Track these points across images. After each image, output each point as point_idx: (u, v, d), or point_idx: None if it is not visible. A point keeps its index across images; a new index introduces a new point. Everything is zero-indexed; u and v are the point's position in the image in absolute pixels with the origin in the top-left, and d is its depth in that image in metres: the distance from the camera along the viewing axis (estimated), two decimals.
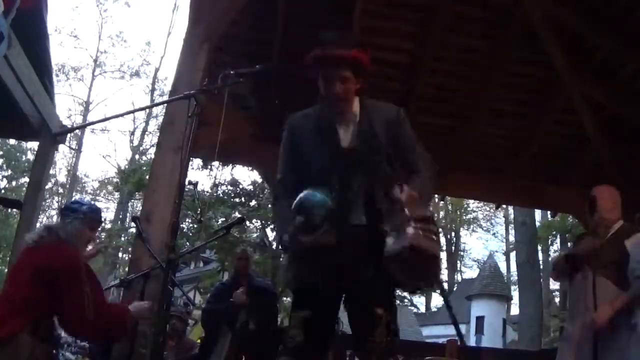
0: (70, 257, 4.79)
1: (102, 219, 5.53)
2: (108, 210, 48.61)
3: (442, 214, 54.13)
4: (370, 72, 3.94)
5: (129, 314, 5.15)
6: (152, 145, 40.23)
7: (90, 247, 5.48)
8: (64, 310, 4.69)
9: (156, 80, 47.87)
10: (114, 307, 5.14)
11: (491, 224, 54.47)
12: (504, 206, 34.59)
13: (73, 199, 5.96)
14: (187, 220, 23.57)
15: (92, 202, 6.43)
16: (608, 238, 5.67)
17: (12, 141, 32.87)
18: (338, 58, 3.77)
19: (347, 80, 3.78)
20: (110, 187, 45.63)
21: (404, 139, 4.00)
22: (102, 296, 5.06)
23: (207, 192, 23.90)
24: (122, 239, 31.77)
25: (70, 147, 44.24)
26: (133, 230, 18.18)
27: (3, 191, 36.33)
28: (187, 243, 21.47)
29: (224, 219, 22.19)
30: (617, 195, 5.91)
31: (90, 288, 4.75)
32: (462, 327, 43.29)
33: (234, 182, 24.05)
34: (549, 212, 16.31)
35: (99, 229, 5.46)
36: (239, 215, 19.14)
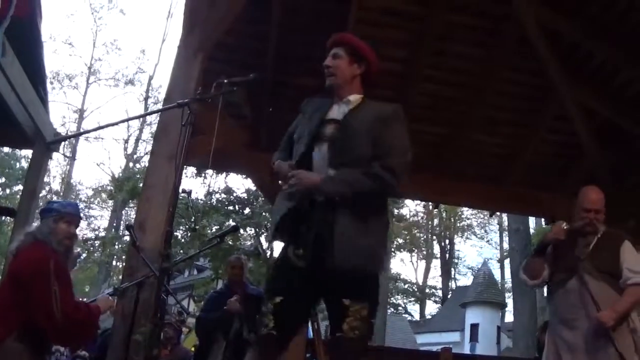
0: (37, 256, 4.85)
1: (79, 213, 5.53)
2: (102, 218, 48.70)
3: (436, 221, 54.25)
4: (375, 69, 4.24)
5: (98, 312, 5.19)
6: (146, 153, 40.23)
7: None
8: (32, 309, 4.70)
9: (150, 88, 47.91)
10: (84, 305, 5.15)
11: (485, 231, 54.57)
12: (498, 213, 34.62)
13: (48, 201, 6.01)
14: (181, 228, 23.57)
15: (67, 200, 6.45)
16: (596, 243, 5.64)
17: (6, 149, 32.85)
18: (332, 40, 4.33)
19: (338, 57, 4.18)
20: (104, 195, 45.59)
21: (383, 139, 3.94)
22: (72, 296, 5.06)
23: (201, 200, 23.92)
24: (116, 247, 31.76)
25: (64, 155, 44.26)
26: (127, 238, 18.13)
27: None
28: (181, 251, 21.46)
29: (217, 226, 22.21)
30: (604, 198, 5.86)
31: (59, 287, 4.76)
32: (457, 335, 43.41)
33: (228, 190, 24.06)
34: (543, 219, 16.34)
35: (79, 223, 5.45)
36: (233, 223, 19.18)
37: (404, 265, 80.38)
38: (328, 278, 3.72)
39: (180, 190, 3.81)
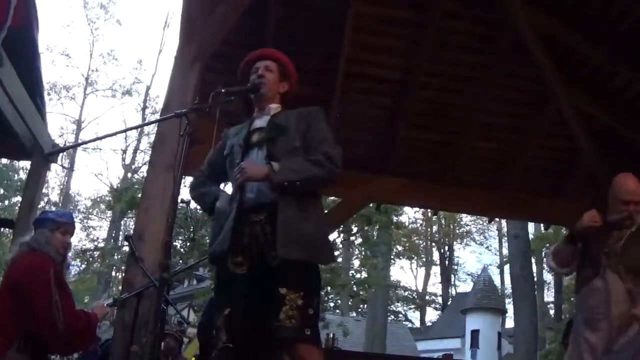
0: (37, 265, 4.85)
1: (74, 222, 5.53)
2: (101, 228, 48.66)
3: (435, 228, 54.23)
4: (294, 87, 4.42)
5: (96, 320, 5.20)
6: (144, 163, 40.16)
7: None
8: (34, 319, 4.70)
9: (148, 98, 47.87)
10: (83, 314, 5.16)
11: (484, 237, 54.53)
12: (497, 219, 34.58)
13: (42, 211, 6.00)
14: (179, 238, 23.50)
15: (61, 209, 6.45)
16: (629, 237, 5.13)
17: (4, 160, 32.83)
18: (264, 53, 4.45)
19: (270, 70, 4.28)
20: (102, 206, 45.51)
21: (313, 134, 4.07)
22: (73, 305, 5.07)
23: (200, 209, 23.81)
24: (115, 257, 31.65)
25: (62, 166, 44.18)
26: (126, 248, 18.07)
27: None
28: (180, 261, 21.40)
29: None
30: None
31: (60, 296, 4.76)
32: (457, 341, 43.35)
33: None
34: (542, 225, 16.35)
35: (73, 232, 5.46)
36: None
37: (403, 272, 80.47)
38: (268, 274, 3.73)
39: (179, 200, 3.81)
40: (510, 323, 40.84)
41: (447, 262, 56.23)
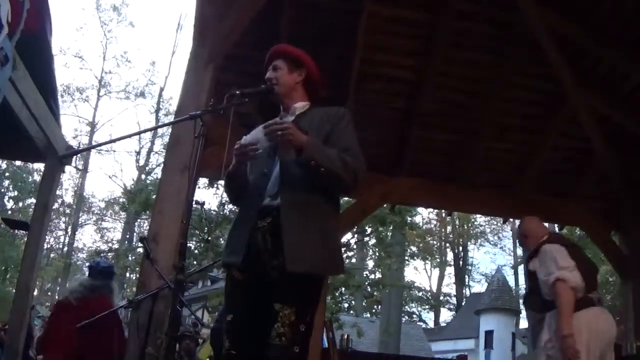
0: None
1: None
2: (115, 230, 48.83)
3: (449, 228, 54.12)
4: (316, 75, 4.30)
5: None
6: (158, 165, 40.27)
7: None
8: None
9: (161, 99, 48.02)
10: None
11: (499, 237, 54.35)
12: (511, 220, 34.37)
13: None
14: (194, 239, 23.54)
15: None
16: None
17: (18, 162, 32.90)
18: (269, 54, 4.39)
19: (277, 68, 4.22)
20: (116, 207, 45.61)
21: (336, 138, 3.94)
22: None
23: (214, 211, 23.84)
24: (130, 259, 31.75)
25: (76, 168, 44.28)
26: (140, 250, 18.11)
27: (10, 212, 36.29)
28: (195, 262, 21.43)
29: None
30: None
31: None
32: (472, 342, 43.24)
33: None
34: (556, 226, 16.26)
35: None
36: None
37: (417, 273, 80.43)
38: (266, 285, 3.69)
39: (193, 202, 3.80)
40: (524, 324, 40.69)
41: (461, 262, 56.15)
